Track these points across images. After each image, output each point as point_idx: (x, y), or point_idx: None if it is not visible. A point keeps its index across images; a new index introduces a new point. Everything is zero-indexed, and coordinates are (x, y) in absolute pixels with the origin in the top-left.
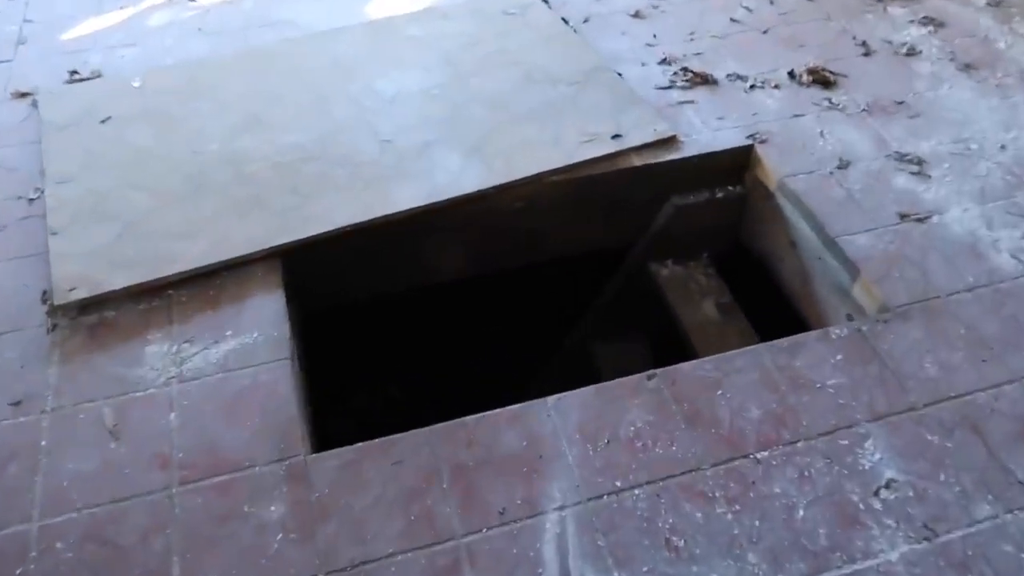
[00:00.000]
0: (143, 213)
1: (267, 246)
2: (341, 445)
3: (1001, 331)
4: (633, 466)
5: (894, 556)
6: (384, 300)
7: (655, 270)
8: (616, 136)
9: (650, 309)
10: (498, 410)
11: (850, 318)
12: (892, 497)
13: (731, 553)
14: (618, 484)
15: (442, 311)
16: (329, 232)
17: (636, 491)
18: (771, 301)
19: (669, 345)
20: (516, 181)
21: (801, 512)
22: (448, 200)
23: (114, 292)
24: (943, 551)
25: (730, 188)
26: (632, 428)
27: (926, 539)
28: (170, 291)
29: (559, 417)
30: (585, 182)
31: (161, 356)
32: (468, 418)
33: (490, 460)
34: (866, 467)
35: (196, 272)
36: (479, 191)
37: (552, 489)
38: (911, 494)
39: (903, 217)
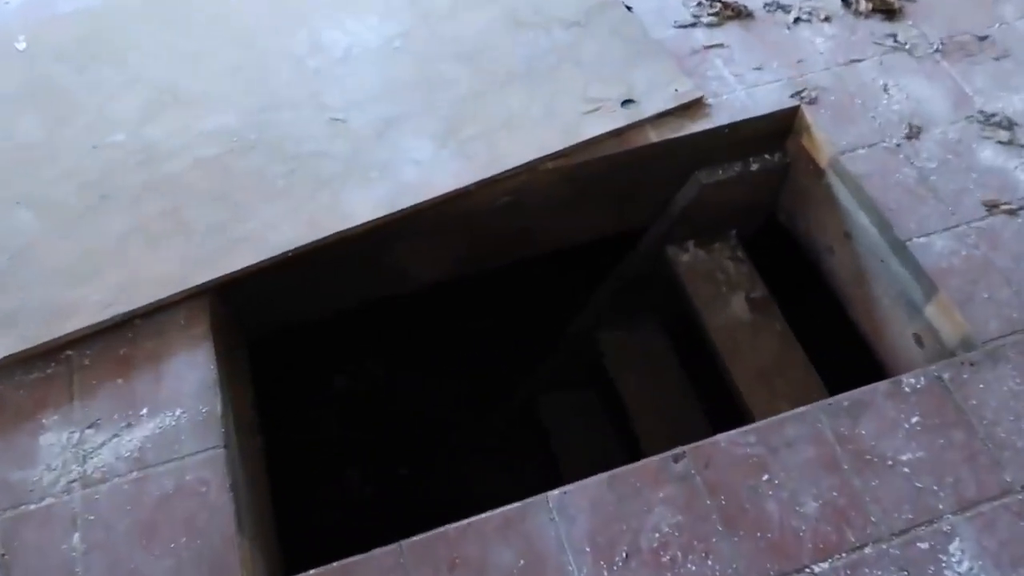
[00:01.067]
0: (30, 241)
1: (187, 286)
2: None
3: None
4: None
5: None
6: (347, 314)
7: (673, 255)
8: (627, 102)
9: (664, 294)
10: (487, 514)
11: (918, 340)
12: None
13: None
14: None
15: (420, 316)
16: (266, 261)
17: None
18: (814, 294)
19: (687, 333)
20: (502, 174)
21: None
22: (417, 206)
23: None
24: None
25: (767, 157)
26: (656, 535)
27: None
28: (70, 351)
29: (564, 522)
30: (587, 167)
31: (60, 450)
32: (450, 528)
33: None
34: None
35: (100, 326)
36: (455, 191)
37: None
38: None
39: (991, 208)
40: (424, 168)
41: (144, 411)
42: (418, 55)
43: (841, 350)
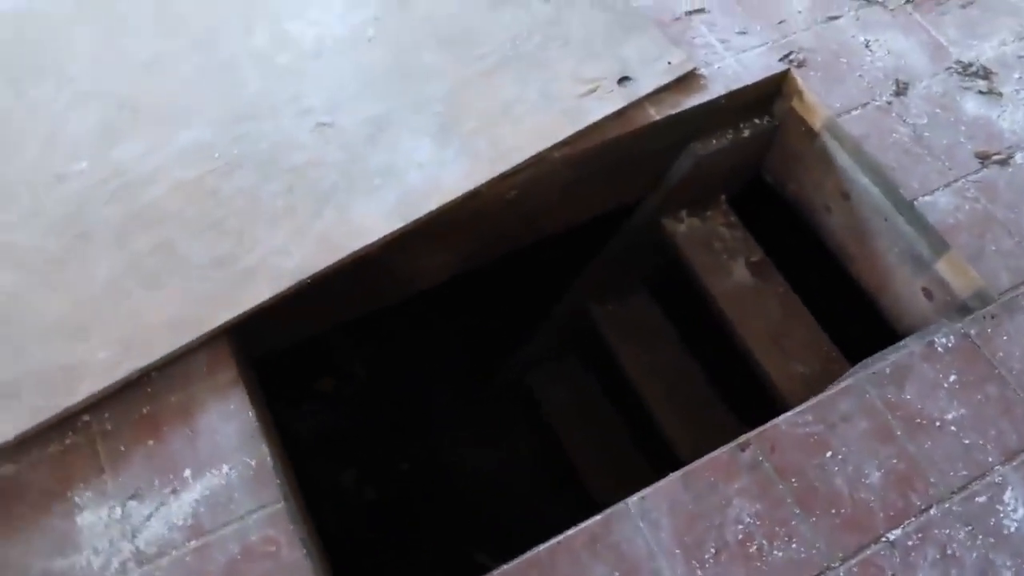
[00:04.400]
0: (10, 299)
1: (204, 330)
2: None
3: None
4: None
5: None
6: (350, 323)
7: (670, 227)
8: (624, 79)
9: (655, 264)
10: (573, 531)
11: (927, 295)
12: None
13: None
14: None
15: (424, 314)
16: (285, 292)
17: None
18: (810, 253)
19: (679, 302)
20: (511, 169)
21: None
22: (430, 213)
23: (7, 442)
24: None
25: (756, 122)
26: (739, 527)
27: None
28: (86, 416)
29: (649, 528)
30: (593, 152)
31: (103, 528)
32: (540, 550)
33: None
34: (1011, 529)
35: (115, 387)
36: (466, 193)
37: None
38: None
39: (983, 160)
40: (429, 170)
41: (187, 473)
42: (394, 44)
43: (838, 305)
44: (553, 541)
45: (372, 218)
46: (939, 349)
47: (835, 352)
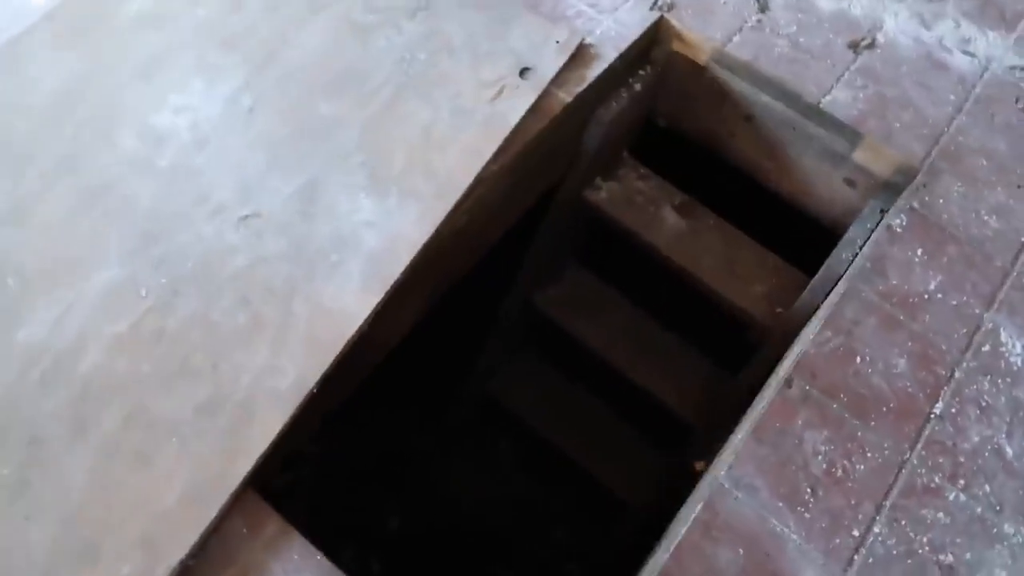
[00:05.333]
0: None
1: (227, 494)
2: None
3: (1008, 146)
4: (852, 502)
5: None
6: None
7: (592, 197)
8: (524, 71)
9: (584, 238)
10: (684, 529)
11: (850, 183)
12: None
13: (990, 536)
14: (856, 533)
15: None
16: (296, 412)
17: (876, 529)
18: (723, 180)
19: (609, 261)
20: (460, 199)
21: (1009, 451)
22: (406, 269)
23: None
24: None
25: (641, 73)
26: (819, 458)
27: None
28: None
29: (748, 494)
30: (524, 152)
31: None
32: (666, 562)
33: None
34: (1019, 363)
35: None
36: (430, 236)
37: None
38: None
39: (855, 49)
40: (381, 226)
41: None
42: (279, 106)
43: (766, 221)
44: (672, 547)
45: (347, 298)
46: (898, 230)
47: (783, 263)
